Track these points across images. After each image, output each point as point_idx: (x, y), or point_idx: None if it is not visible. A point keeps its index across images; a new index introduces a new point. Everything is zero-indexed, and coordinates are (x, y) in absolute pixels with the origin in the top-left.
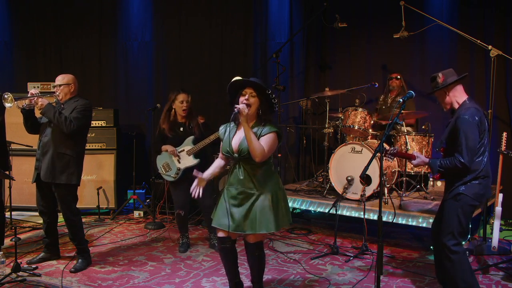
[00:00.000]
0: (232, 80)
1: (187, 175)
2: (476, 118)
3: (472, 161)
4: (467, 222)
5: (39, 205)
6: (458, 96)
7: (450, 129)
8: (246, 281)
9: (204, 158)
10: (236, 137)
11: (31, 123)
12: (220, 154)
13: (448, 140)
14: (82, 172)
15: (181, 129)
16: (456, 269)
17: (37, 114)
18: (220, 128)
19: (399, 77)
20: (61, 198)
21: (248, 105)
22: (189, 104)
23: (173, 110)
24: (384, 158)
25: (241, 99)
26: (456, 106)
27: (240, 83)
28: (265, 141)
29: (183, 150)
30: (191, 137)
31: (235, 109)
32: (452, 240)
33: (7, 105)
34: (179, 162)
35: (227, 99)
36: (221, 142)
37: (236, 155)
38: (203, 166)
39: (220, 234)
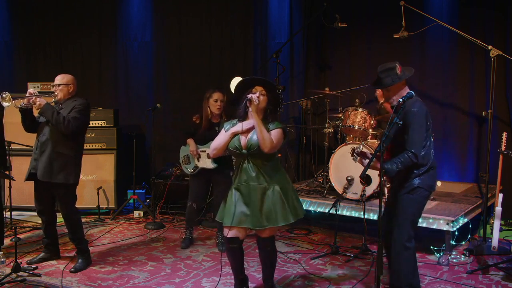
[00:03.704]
0: (243, 79)
1: (205, 172)
2: (424, 110)
3: (421, 153)
4: (420, 215)
5: (37, 205)
6: (406, 91)
7: (395, 119)
8: (257, 275)
9: (224, 159)
10: (243, 134)
11: (29, 122)
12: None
13: (397, 135)
14: (80, 172)
15: (217, 128)
16: (407, 265)
17: (35, 113)
18: (225, 125)
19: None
20: (59, 197)
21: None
22: (224, 104)
23: (208, 109)
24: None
25: (249, 95)
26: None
27: (250, 81)
28: (273, 134)
29: (205, 151)
30: None
31: (247, 97)
32: (406, 237)
33: (5, 104)
34: (198, 161)
35: (229, 99)
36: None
37: (244, 151)
38: (220, 170)
39: (230, 235)
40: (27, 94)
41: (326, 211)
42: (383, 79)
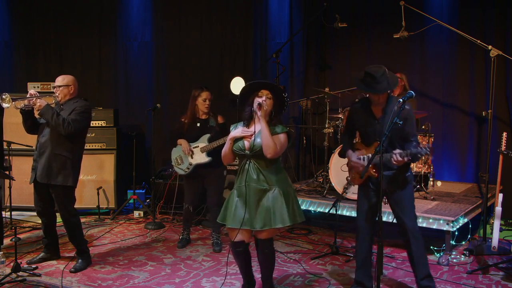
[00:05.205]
0: (250, 83)
1: (199, 171)
2: None
3: None
4: None
5: (37, 206)
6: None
7: (395, 119)
8: (257, 275)
9: (217, 156)
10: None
11: (30, 123)
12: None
13: (397, 130)
14: (79, 174)
15: (198, 124)
16: (423, 247)
17: (36, 114)
18: (231, 127)
19: (398, 76)
20: (57, 199)
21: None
22: (211, 102)
23: (196, 106)
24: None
25: (258, 99)
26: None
27: (257, 86)
28: (277, 140)
29: (198, 146)
30: (207, 135)
31: (257, 103)
32: (417, 224)
33: (4, 105)
34: (192, 158)
35: (229, 99)
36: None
37: (247, 152)
38: (215, 164)
39: (236, 239)
40: (28, 95)
41: (326, 211)
42: (381, 83)
